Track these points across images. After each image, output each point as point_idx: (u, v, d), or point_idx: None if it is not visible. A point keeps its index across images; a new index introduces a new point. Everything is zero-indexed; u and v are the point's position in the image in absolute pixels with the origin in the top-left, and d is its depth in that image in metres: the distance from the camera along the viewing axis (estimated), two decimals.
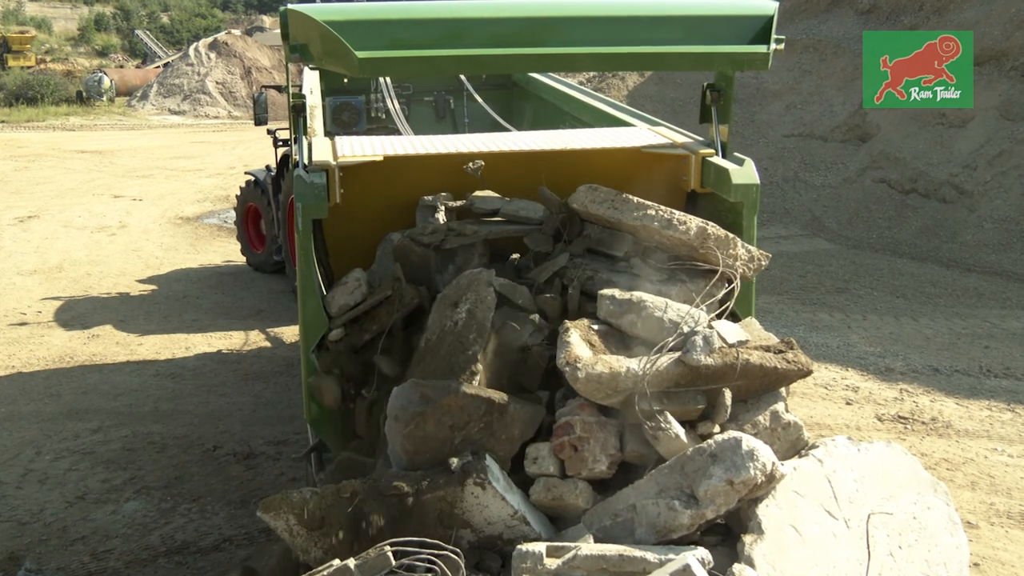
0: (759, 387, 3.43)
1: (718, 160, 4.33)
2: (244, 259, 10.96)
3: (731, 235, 3.73)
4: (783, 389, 3.52)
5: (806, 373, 3.45)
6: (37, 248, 12.07)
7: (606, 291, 3.62)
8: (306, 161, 3.97)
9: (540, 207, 4.21)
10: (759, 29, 3.60)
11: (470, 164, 4.28)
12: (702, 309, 3.50)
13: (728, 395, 3.34)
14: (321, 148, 4.20)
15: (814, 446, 3.35)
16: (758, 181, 4.09)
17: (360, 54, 3.29)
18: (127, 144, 24.30)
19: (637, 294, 3.58)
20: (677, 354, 3.32)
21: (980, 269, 10.45)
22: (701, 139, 4.63)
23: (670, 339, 3.35)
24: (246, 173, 11.05)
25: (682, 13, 3.70)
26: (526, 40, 3.61)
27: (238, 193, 11.05)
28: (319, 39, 3.45)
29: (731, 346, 3.37)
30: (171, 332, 8.51)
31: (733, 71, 4.34)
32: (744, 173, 4.14)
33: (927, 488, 3.36)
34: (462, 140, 4.82)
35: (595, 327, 3.55)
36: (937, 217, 11.72)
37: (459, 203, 4.28)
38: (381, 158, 4.18)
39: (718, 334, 3.39)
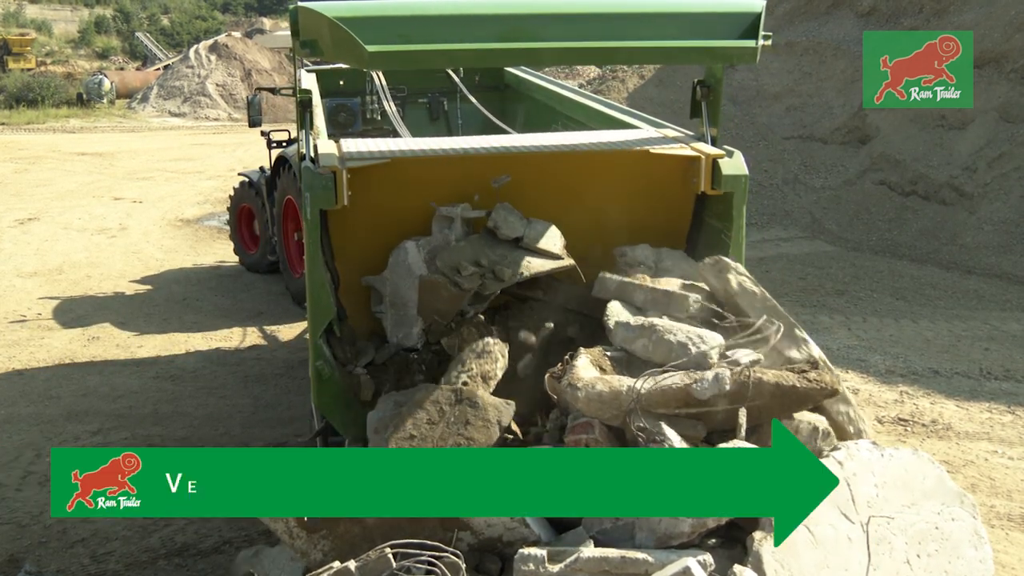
0: (780, 407, 3.41)
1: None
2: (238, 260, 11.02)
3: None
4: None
5: (831, 392, 3.44)
6: (37, 250, 12.07)
7: (620, 318, 3.72)
8: (312, 154, 4.08)
9: (557, 236, 4.23)
10: (748, 25, 3.76)
11: (496, 179, 4.28)
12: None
13: (743, 414, 3.33)
14: (328, 150, 4.24)
15: (836, 448, 3.33)
16: (747, 172, 4.24)
17: (370, 48, 3.43)
18: (127, 146, 24.30)
19: (649, 319, 3.64)
20: (681, 375, 3.34)
21: (980, 271, 10.45)
22: (691, 133, 4.73)
23: (675, 362, 3.37)
24: (239, 174, 11.10)
25: (675, 10, 3.86)
26: (525, 35, 3.74)
27: (231, 194, 11.08)
28: (329, 34, 3.56)
29: (741, 367, 3.36)
30: (171, 334, 8.51)
31: (723, 66, 4.55)
32: (733, 164, 4.26)
33: (953, 499, 3.33)
34: (468, 142, 4.85)
35: (609, 353, 3.61)
36: (937, 219, 11.72)
37: (476, 214, 4.26)
38: (388, 160, 4.22)
39: (713, 347, 3.40)
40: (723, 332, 3.74)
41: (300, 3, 3.69)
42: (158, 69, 41.62)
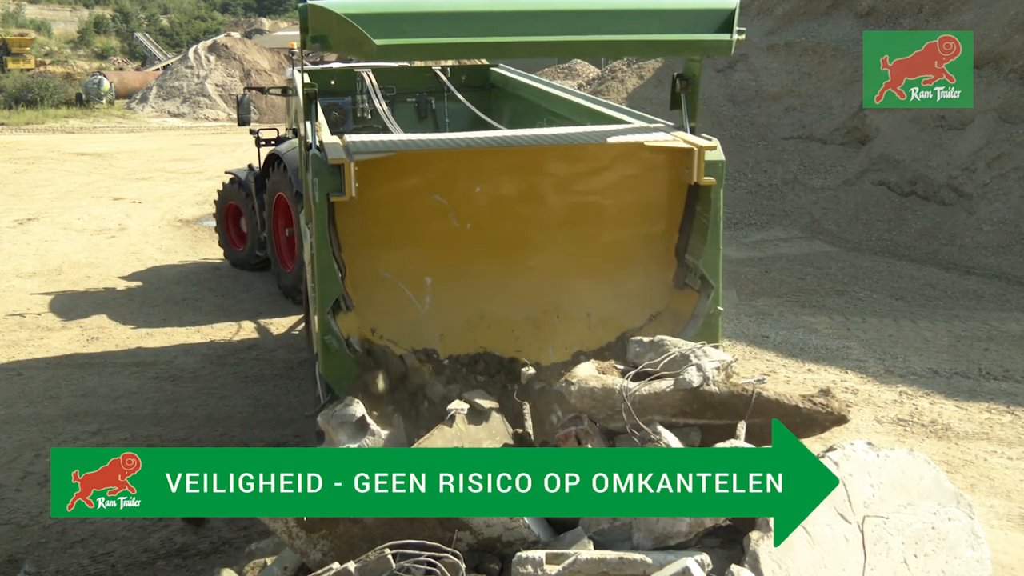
0: None
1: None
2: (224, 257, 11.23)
3: None
4: None
5: (838, 419, 3.47)
6: (36, 250, 12.07)
7: (635, 336, 3.88)
8: (318, 144, 4.30)
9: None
10: (723, 21, 4.06)
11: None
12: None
13: (743, 427, 3.35)
14: (334, 143, 4.38)
15: (831, 449, 3.34)
16: (724, 158, 4.48)
17: (378, 41, 3.70)
18: (126, 147, 24.30)
19: (660, 336, 3.79)
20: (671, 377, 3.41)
21: (979, 271, 10.45)
22: (672, 124, 4.97)
23: (661, 358, 3.43)
24: (226, 172, 11.18)
25: (657, 7, 4.15)
26: (519, 30, 3.99)
27: (219, 189, 11.15)
28: (339, 29, 3.81)
29: (733, 378, 3.40)
30: (170, 334, 8.51)
31: (700, 58, 4.82)
32: (713, 152, 4.49)
33: (950, 499, 3.34)
34: (469, 136, 5.07)
35: (619, 367, 3.73)
36: (936, 219, 11.72)
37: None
38: (394, 153, 4.36)
39: (714, 363, 3.44)
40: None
41: (310, 1, 3.88)
42: (157, 69, 41.62)
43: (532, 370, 4.34)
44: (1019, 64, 12.16)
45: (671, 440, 3.26)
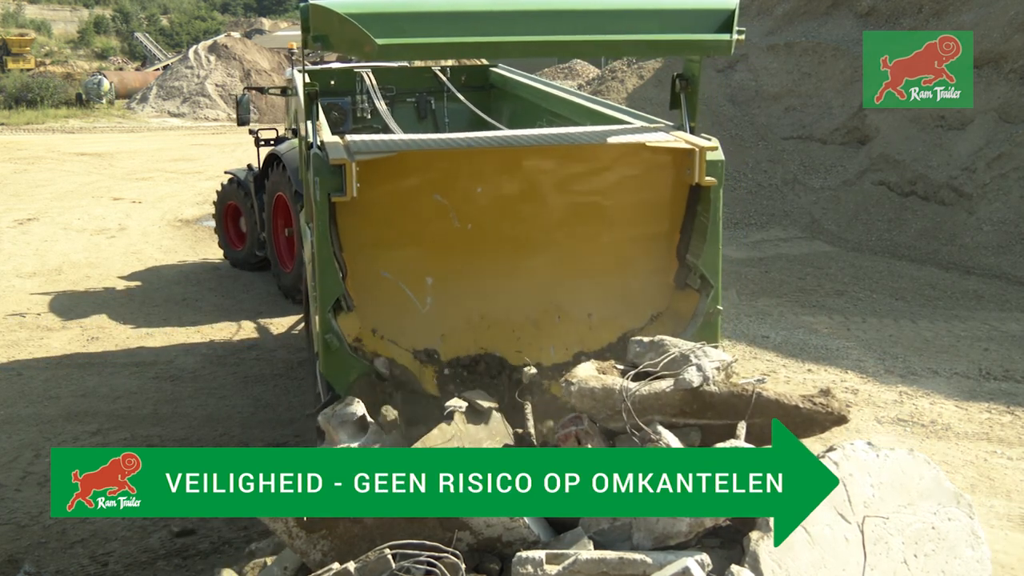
0: None
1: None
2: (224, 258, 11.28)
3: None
4: None
5: (838, 419, 3.47)
6: (36, 250, 12.07)
7: (635, 337, 3.88)
8: (319, 143, 4.34)
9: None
10: (723, 21, 4.11)
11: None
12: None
13: (742, 427, 3.35)
14: (335, 144, 4.40)
15: (831, 449, 3.34)
16: (724, 158, 4.52)
17: (379, 41, 3.74)
18: (126, 147, 24.30)
19: (660, 336, 3.79)
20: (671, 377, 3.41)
21: (979, 271, 10.45)
22: (672, 124, 5.00)
23: (661, 358, 3.44)
24: (226, 172, 11.22)
25: (659, 7, 4.19)
26: (520, 30, 4.02)
27: (218, 190, 11.16)
28: (340, 29, 3.83)
29: (734, 378, 3.40)
30: (170, 334, 8.51)
31: (700, 58, 4.86)
32: (713, 152, 4.52)
33: (950, 499, 3.33)
34: (470, 136, 5.10)
35: (619, 367, 3.73)
36: (936, 219, 11.72)
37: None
38: (395, 153, 4.37)
39: (714, 363, 3.45)
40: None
41: (311, 1, 3.89)
42: (157, 69, 41.62)
43: (534, 370, 4.34)
44: (1019, 64, 12.16)
45: (671, 440, 3.26)
